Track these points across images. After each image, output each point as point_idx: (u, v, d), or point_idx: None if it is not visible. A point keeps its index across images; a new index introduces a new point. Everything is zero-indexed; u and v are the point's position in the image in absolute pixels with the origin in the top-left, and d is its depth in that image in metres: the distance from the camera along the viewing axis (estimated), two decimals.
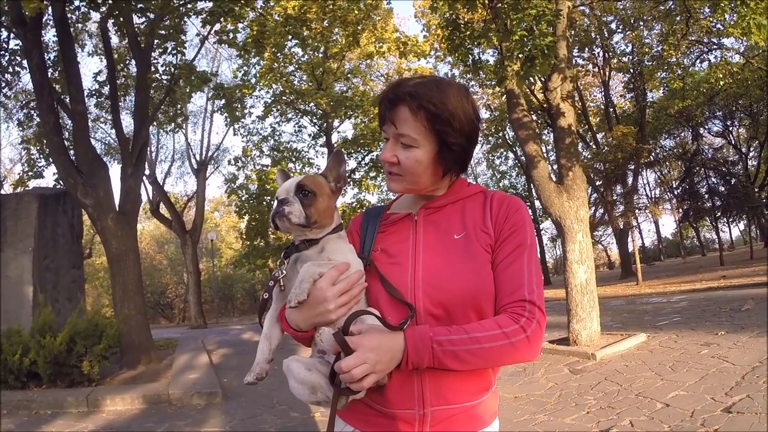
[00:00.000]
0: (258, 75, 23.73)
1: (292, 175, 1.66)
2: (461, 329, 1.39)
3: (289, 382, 1.45)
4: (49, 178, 15.95)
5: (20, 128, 16.51)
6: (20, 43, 11.99)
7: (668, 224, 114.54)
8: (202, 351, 13.04)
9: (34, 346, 8.42)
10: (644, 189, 37.85)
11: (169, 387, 8.69)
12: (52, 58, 13.33)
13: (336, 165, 1.63)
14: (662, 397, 5.74)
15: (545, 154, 14.08)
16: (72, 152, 11.37)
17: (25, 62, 12.22)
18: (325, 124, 26.95)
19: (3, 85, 13.83)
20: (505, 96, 11.12)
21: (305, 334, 1.50)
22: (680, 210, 32.01)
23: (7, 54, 12.99)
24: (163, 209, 29.30)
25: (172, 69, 13.29)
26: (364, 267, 1.55)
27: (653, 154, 27.73)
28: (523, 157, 29.02)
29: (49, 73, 12.22)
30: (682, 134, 31.98)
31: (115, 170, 33.81)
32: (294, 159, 27.53)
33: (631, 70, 27.50)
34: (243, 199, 26.98)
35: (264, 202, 25.64)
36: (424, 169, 1.55)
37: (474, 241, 1.53)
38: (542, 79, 10.13)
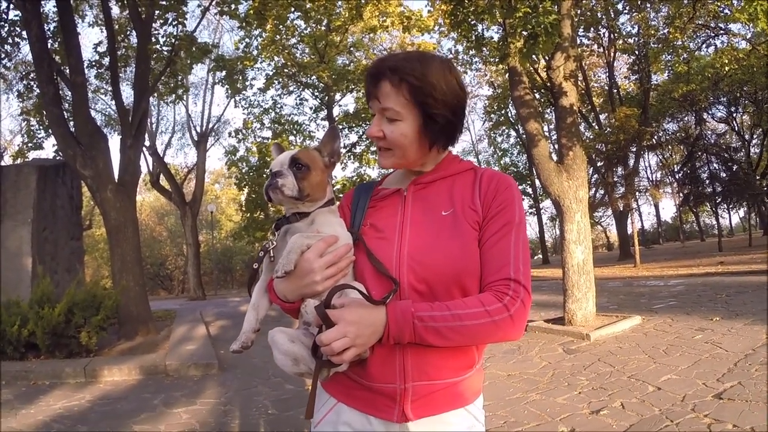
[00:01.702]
0: (260, 47, 23.58)
1: (289, 149, 1.68)
2: (443, 306, 1.40)
3: (273, 353, 1.47)
4: (48, 149, 15.98)
5: (20, 99, 16.41)
6: (20, 14, 11.90)
7: (668, 208, 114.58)
8: (200, 322, 13.12)
9: (32, 317, 8.46)
10: (645, 172, 37.91)
11: (166, 358, 8.75)
12: (51, 28, 13.23)
13: (330, 140, 1.66)
14: (654, 380, 5.78)
15: (547, 133, 14.02)
16: (71, 123, 11.32)
17: (24, 33, 12.11)
18: (326, 98, 26.87)
19: (2, 56, 13.71)
20: (507, 73, 11.07)
21: (293, 305, 1.51)
22: (681, 194, 32.07)
23: (6, 25, 12.86)
24: (163, 181, 29.28)
25: (173, 40, 13.22)
26: (353, 242, 1.56)
27: (656, 137, 27.63)
28: (524, 135, 29.02)
29: (49, 44, 12.13)
30: (686, 118, 31.92)
31: (114, 141, 33.70)
32: (295, 132, 27.47)
33: (636, 52, 27.33)
34: (243, 171, 26.95)
35: (264, 175, 25.53)
36: (410, 142, 1.55)
37: (461, 218, 1.53)
38: (546, 57, 10.09)
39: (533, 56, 9.56)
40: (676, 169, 35.67)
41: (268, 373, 7.83)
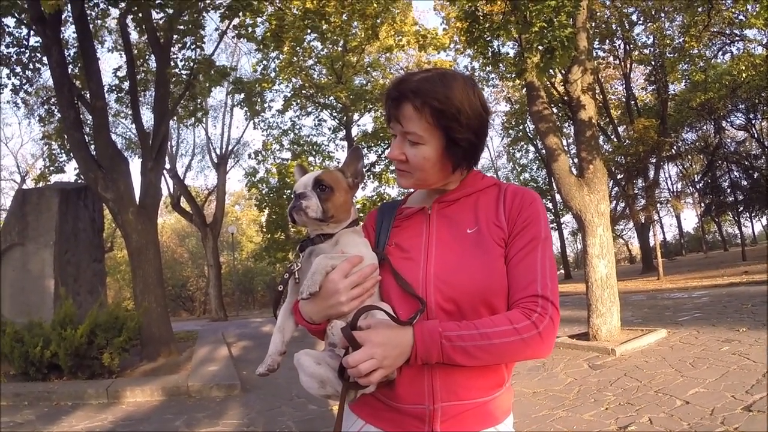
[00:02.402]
0: (277, 69, 23.81)
1: (310, 170, 1.67)
2: (471, 325, 1.38)
3: (299, 376, 1.45)
4: (70, 173, 16.13)
5: (41, 124, 16.73)
6: (40, 40, 12.09)
7: (690, 219, 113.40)
8: (221, 343, 13.12)
9: (55, 338, 8.52)
10: (666, 183, 37.61)
11: (189, 379, 8.76)
12: (71, 54, 13.45)
13: (354, 161, 1.65)
14: (682, 394, 5.67)
15: (566, 147, 13.96)
16: (92, 147, 11.46)
17: (45, 59, 12.32)
18: (344, 118, 26.98)
19: (24, 81, 13.94)
20: (525, 89, 11.04)
21: (318, 326, 1.50)
22: (702, 204, 31.74)
23: (27, 51, 13.14)
24: (183, 203, 29.48)
25: (192, 64, 13.37)
26: (378, 262, 1.54)
27: (675, 147, 27.44)
28: (543, 150, 28.92)
29: (69, 69, 12.34)
30: (704, 127, 31.62)
31: (135, 165, 34.04)
32: (314, 153, 27.60)
33: (653, 62, 27.18)
34: (263, 192, 27.08)
35: (284, 196, 25.70)
36: (431, 165, 1.53)
37: (486, 235, 1.51)
38: (562, 71, 10.05)
39: (550, 70, 9.51)
40: (696, 179, 35.35)
41: (291, 393, 7.80)
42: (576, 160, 12.61)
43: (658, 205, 27.48)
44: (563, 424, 5.28)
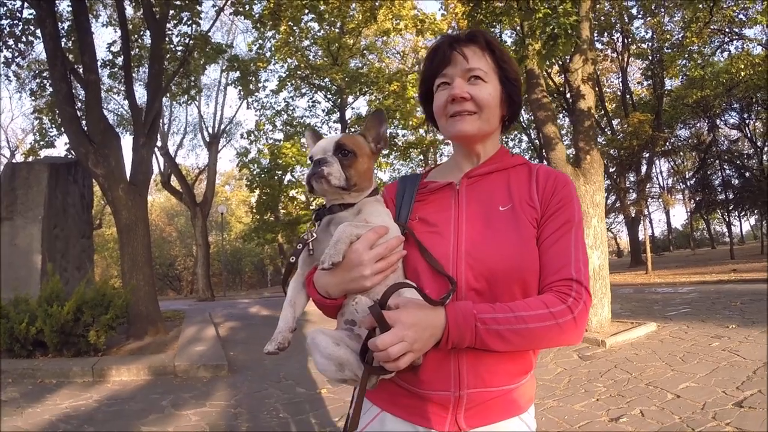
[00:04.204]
0: (273, 48, 23.62)
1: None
2: (506, 307, 1.30)
3: (313, 357, 1.34)
4: (60, 148, 15.98)
5: (33, 98, 16.49)
6: (34, 12, 11.88)
7: (678, 215, 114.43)
8: (209, 324, 13.05)
9: (41, 314, 8.41)
10: (657, 178, 37.72)
11: (176, 359, 8.68)
12: (65, 27, 13.24)
13: (376, 125, 1.53)
14: (673, 387, 5.66)
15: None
16: (84, 122, 11.31)
17: (38, 32, 12.10)
18: (339, 100, 26.83)
19: (16, 54, 13.75)
20: (524, 76, 10.98)
21: (333, 301, 1.39)
22: (693, 201, 31.84)
23: (20, 23, 12.90)
24: (174, 181, 29.36)
25: (187, 40, 13.20)
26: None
27: (668, 143, 27.48)
28: (536, 141, 28.92)
29: (63, 43, 12.13)
30: (698, 125, 31.69)
31: (127, 141, 33.86)
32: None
33: (650, 57, 27.17)
34: (254, 173, 26.92)
35: (275, 177, 25.61)
36: (495, 105, 1.51)
37: (520, 214, 1.44)
38: (561, 60, 9.99)
39: (551, 59, 9.44)
40: (688, 176, 35.48)
41: (279, 375, 7.76)
42: (570, 151, 12.59)
43: (650, 199, 27.54)
44: (554, 414, 5.25)
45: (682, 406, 5.05)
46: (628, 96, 30.16)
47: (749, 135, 32.57)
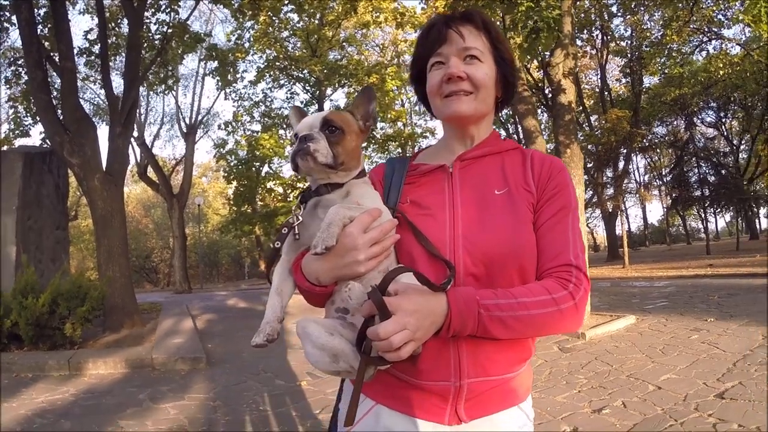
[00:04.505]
0: (252, 39, 23.48)
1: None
2: (508, 293, 1.24)
3: (304, 347, 1.26)
4: (35, 137, 15.70)
5: (7, 86, 16.18)
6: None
7: (654, 211, 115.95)
8: (186, 316, 12.92)
9: (15, 307, 8.24)
10: (634, 174, 38.07)
11: (153, 351, 8.57)
12: (42, 14, 13.00)
13: (365, 102, 1.45)
14: (654, 379, 5.70)
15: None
16: (60, 110, 11.11)
17: (14, 18, 11.88)
18: (317, 92, 26.78)
19: None
20: None
21: (323, 289, 1.31)
22: (669, 197, 32.17)
23: None
24: (150, 173, 29.09)
25: (165, 28, 13.04)
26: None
27: (646, 139, 27.73)
28: (515, 135, 29.03)
29: (39, 30, 11.89)
30: (676, 122, 32.05)
31: (103, 131, 33.51)
32: (285, 126, 27.33)
33: (629, 55, 27.36)
34: (232, 164, 26.86)
35: (253, 168, 25.50)
36: (491, 85, 1.47)
37: (517, 198, 1.39)
38: (541, 56, 10.01)
39: (534, 52, 9.45)
40: (664, 173, 35.83)
41: (258, 368, 7.67)
42: (550, 145, 12.64)
43: (626, 195, 27.81)
44: (536, 406, 5.20)
45: (663, 398, 5.08)
46: (606, 93, 30.42)
47: (725, 133, 33.14)
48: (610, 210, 27.58)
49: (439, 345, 1.28)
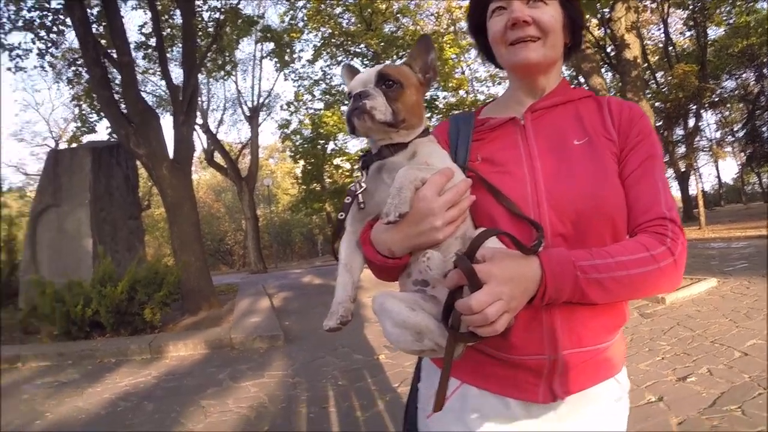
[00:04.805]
0: (305, 18, 23.41)
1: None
2: (604, 252, 1.14)
3: (383, 326, 1.16)
4: (102, 132, 16.20)
5: (70, 86, 16.70)
6: (62, 1, 11.97)
7: (728, 169, 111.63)
8: (262, 295, 13.14)
9: (95, 296, 8.51)
10: (705, 131, 36.74)
11: (231, 331, 8.71)
12: (95, 13, 13.28)
13: (423, 52, 1.33)
14: (739, 345, 5.45)
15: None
16: (122, 104, 11.38)
17: (68, 20, 12.15)
18: (376, 66, 26.60)
19: (49, 45, 13.86)
20: None
21: (397, 261, 1.21)
22: (743, 154, 30.97)
23: (50, 14, 13.00)
24: (218, 158, 29.56)
25: (218, 15, 13.14)
26: None
27: (715, 94, 26.64)
28: None
29: (94, 29, 12.19)
30: (745, 75, 30.65)
31: (167, 121, 34.32)
32: (347, 102, 27.27)
33: (691, 6, 26.23)
34: (297, 144, 26.95)
35: (318, 146, 25.60)
36: (559, 29, 1.34)
37: (599, 147, 1.28)
38: (601, 13, 9.67)
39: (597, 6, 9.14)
40: (736, 128, 34.47)
41: (335, 343, 7.68)
42: None
43: (701, 153, 26.85)
44: None
45: (750, 365, 4.85)
46: (670, 47, 29.25)
47: None
48: (683, 169, 26.68)
49: (530, 315, 1.18)
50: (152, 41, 14.51)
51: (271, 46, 23.44)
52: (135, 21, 66.97)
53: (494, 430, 1.27)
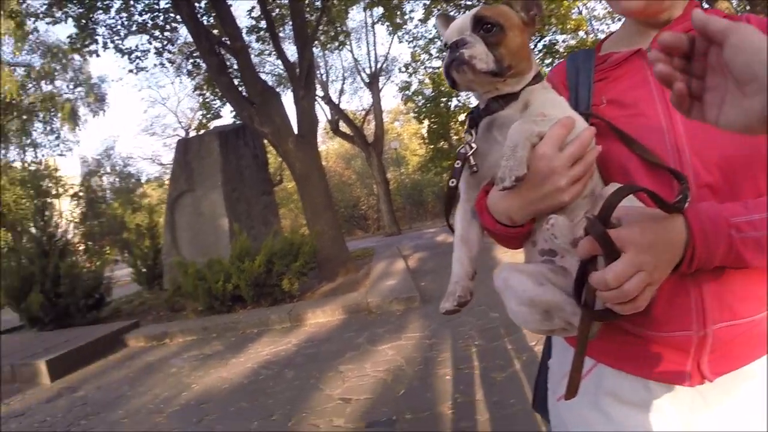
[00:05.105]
0: None
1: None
2: (762, 205, 0.90)
3: (507, 304, 1.02)
4: (227, 116, 16.85)
5: (191, 77, 17.50)
6: (169, 1, 12.54)
7: None
8: (398, 257, 13.25)
9: (234, 271, 8.93)
10: None
11: (368, 296, 8.79)
12: (203, 5, 13.73)
13: None
14: None
15: None
16: (242, 87, 11.78)
17: (178, 17, 12.71)
18: None
19: (165, 43, 14.57)
20: None
21: (519, 230, 1.05)
22: None
23: (160, 14, 13.68)
24: (343, 127, 29.97)
25: None
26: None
27: None
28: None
29: (204, 21, 12.80)
30: None
31: (288, 98, 35.23)
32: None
33: None
34: (419, 104, 26.82)
35: (441, 105, 25.33)
36: None
37: None
38: None
39: None
40: None
41: (471, 301, 7.51)
42: None
43: None
44: None
45: None
46: None
47: None
48: None
49: (674, 284, 0.96)
50: (262, 23, 14.86)
51: (380, 10, 23.25)
52: (243, 6, 69.04)
53: (632, 416, 1.07)
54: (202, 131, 16.15)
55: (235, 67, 12.97)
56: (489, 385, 4.47)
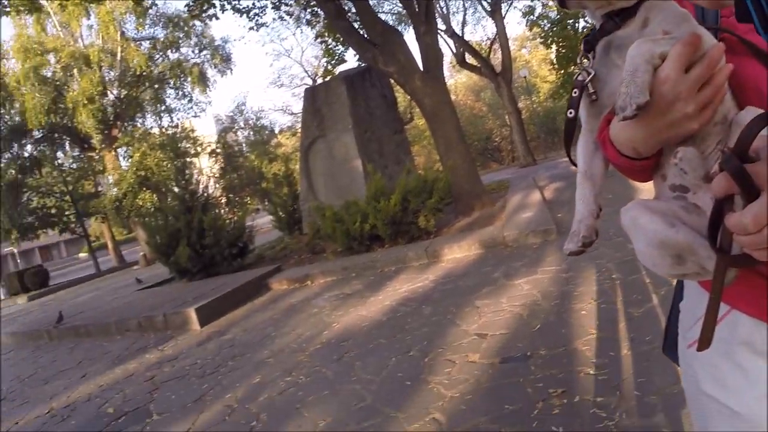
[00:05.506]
0: None
1: None
2: None
3: (635, 245, 0.92)
4: (351, 60, 17.00)
5: (310, 27, 17.68)
6: None
7: None
8: (533, 189, 12.99)
9: (371, 211, 9.17)
10: None
11: (504, 229, 8.67)
12: None
13: None
14: None
15: None
16: (362, 30, 11.76)
17: None
18: None
19: None
20: None
21: (645, 162, 0.94)
22: None
23: None
24: (469, 59, 29.42)
25: None
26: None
27: None
28: None
29: None
30: None
31: (411, 35, 34.74)
32: None
33: None
34: (545, 28, 25.81)
35: (567, 27, 24.27)
36: None
37: None
38: None
39: None
40: None
41: (609, 232, 7.10)
42: None
43: None
44: None
45: None
46: None
47: None
48: None
49: None
50: None
51: None
52: None
53: None
54: (328, 77, 16.35)
55: (353, 11, 12.95)
56: (626, 320, 4.33)
